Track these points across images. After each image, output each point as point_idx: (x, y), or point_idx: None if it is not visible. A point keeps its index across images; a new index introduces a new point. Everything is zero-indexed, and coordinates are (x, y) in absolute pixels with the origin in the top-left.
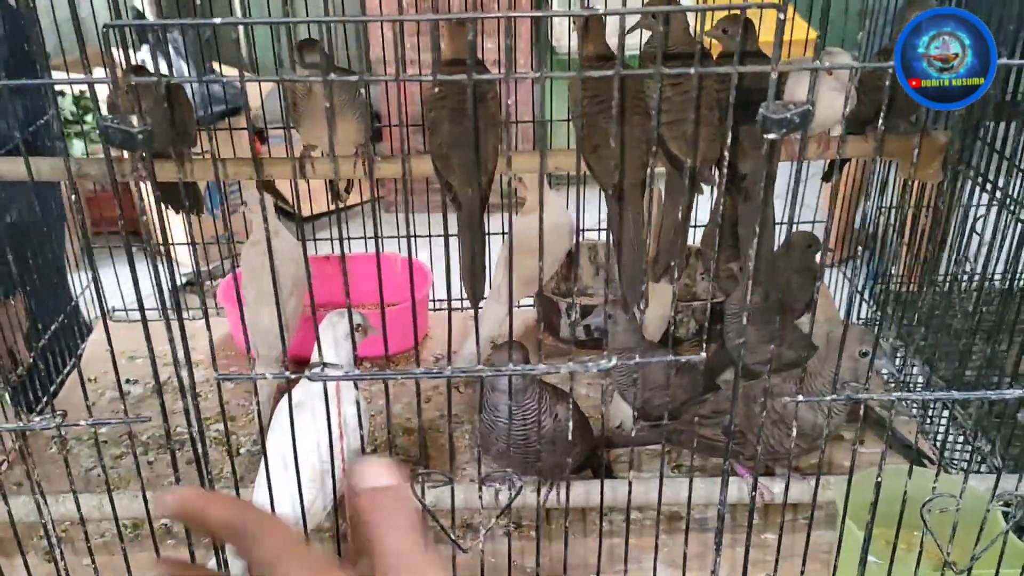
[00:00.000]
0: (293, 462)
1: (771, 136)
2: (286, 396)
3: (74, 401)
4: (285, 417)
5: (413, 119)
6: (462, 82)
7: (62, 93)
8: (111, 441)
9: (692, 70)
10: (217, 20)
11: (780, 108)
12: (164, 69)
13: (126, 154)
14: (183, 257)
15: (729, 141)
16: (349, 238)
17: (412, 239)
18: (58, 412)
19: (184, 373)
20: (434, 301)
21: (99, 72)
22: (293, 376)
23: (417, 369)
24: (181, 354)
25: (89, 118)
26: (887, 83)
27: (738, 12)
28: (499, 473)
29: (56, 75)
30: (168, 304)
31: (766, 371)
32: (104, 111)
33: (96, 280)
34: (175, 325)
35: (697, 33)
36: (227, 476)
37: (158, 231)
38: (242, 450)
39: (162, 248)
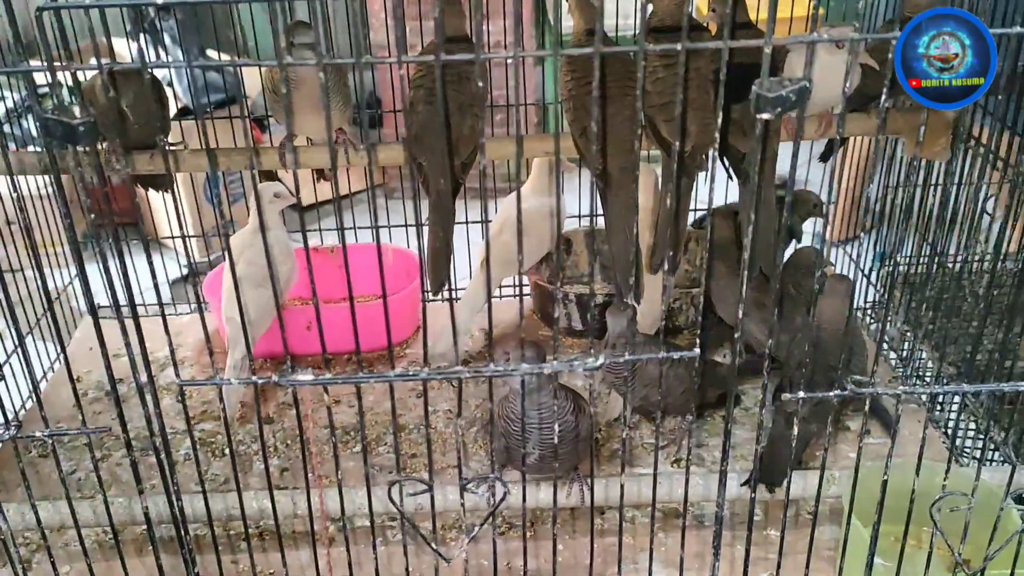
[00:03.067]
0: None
1: (765, 116)
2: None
3: (55, 401)
4: None
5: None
6: (437, 62)
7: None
8: (93, 442)
9: (679, 46)
10: (159, 0)
11: (775, 85)
12: (153, 55)
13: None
14: (182, 248)
15: (720, 122)
16: (332, 230)
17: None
18: (12, 423)
19: (144, 379)
20: (426, 292)
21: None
22: (260, 381)
23: (391, 372)
24: (139, 359)
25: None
26: (890, 56)
27: None
28: (481, 477)
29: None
30: (123, 307)
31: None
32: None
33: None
34: (132, 330)
35: (696, 10)
36: (212, 476)
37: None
38: (227, 450)
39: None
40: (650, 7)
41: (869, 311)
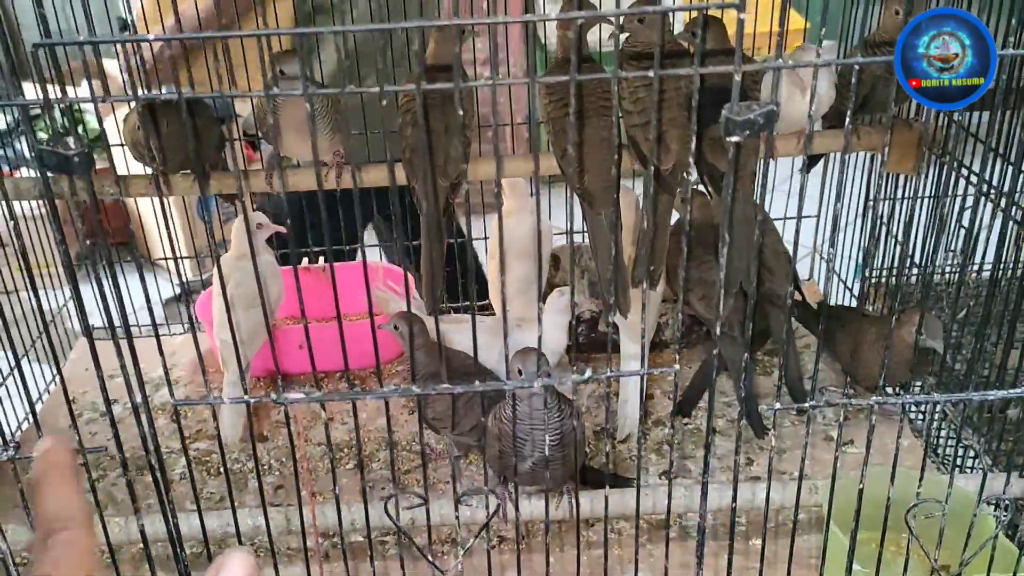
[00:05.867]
0: None
1: (734, 139)
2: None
3: (53, 422)
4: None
5: None
6: (427, 88)
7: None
8: (90, 463)
9: (651, 73)
10: (151, 36)
11: (744, 109)
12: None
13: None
14: (174, 267)
15: (693, 144)
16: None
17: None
18: (11, 444)
19: (138, 399)
20: None
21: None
22: (252, 400)
23: (385, 388)
24: (134, 379)
25: (79, 129)
26: (854, 79)
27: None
28: (475, 490)
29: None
30: (117, 327)
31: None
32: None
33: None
34: (126, 351)
35: (668, 34)
36: (208, 495)
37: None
38: (222, 468)
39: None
40: (624, 35)
41: None
